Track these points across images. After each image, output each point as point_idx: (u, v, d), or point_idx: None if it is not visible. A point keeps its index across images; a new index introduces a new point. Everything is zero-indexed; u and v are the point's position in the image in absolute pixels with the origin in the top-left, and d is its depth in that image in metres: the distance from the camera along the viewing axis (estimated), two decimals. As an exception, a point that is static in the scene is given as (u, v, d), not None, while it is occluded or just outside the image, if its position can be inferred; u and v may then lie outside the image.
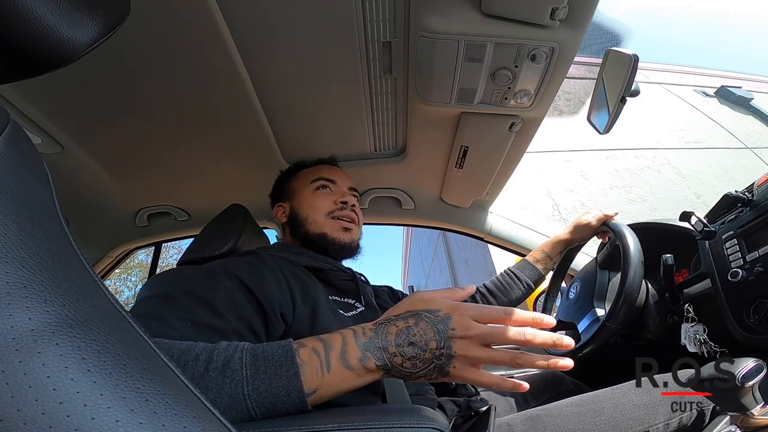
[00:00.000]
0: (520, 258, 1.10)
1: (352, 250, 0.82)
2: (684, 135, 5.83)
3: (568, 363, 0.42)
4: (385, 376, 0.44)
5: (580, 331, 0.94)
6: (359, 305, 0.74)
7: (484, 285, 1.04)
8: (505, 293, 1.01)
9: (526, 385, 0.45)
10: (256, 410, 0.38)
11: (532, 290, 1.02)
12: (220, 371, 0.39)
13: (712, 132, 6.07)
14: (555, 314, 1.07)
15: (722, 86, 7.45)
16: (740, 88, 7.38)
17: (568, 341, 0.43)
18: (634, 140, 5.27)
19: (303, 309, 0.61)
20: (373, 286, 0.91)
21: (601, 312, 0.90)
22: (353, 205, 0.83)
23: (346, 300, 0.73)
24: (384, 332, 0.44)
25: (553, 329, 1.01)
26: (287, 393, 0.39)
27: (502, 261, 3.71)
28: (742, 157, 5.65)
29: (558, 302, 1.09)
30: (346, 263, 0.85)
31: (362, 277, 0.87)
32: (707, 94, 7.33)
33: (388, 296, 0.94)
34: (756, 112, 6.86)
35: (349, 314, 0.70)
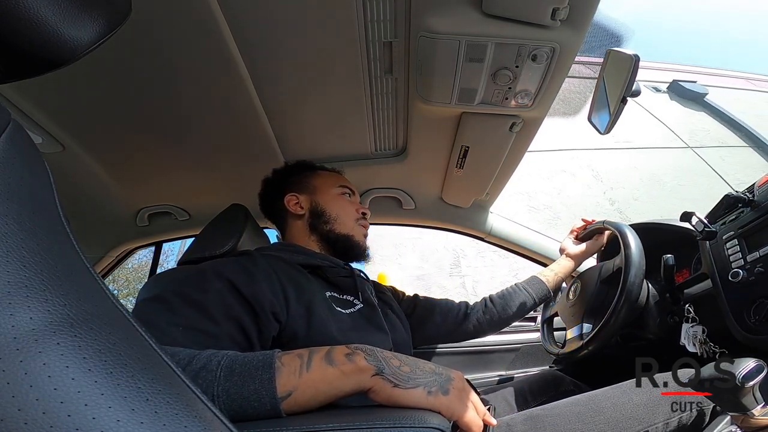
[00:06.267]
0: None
1: (367, 254, 0.87)
2: (616, 134, 5.46)
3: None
4: (376, 379, 0.41)
5: (567, 338, 0.95)
6: (357, 302, 0.74)
7: (489, 296, 1.03)
8: (506, 301, 0.99)
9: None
10: (224, 413, 0.37)
11: (536, 303, 1.01)
12: (196, 373, 0.39)
13: (655, 131, 5.60)
14: (554, 309, 1.07)
15: (674, 81, 6.64)
16: (695, 82, 6.63)
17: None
18: (556, 141, 4.85)
19: (297, 308, 0.61)
20: (375, 284, 0.91)
21: (587, 328, 0.91)
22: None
23: (344, 297, 0.73)
24: (379, 350, 0.45)
25: (549, 325, 1.01)
26: (258, 397, 0.38)
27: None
28: (681, 157, 5.23)
29: (559, 298, 1.09)
30: (355, 265, 0.86)
31: (362, 274, 0.87)
32: (658, 90, 6.58)
33: (392, 294, 0.94)
34: (709, 108, 6.21)
35: (347, 311, 0.70)
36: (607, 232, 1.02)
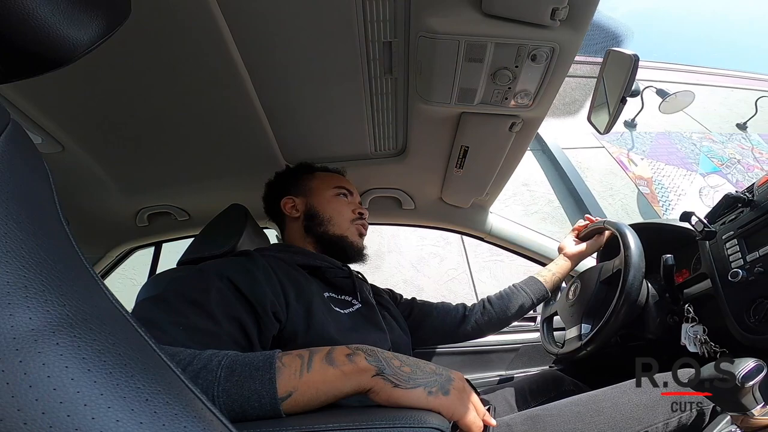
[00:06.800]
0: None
1: (365, 255, 0.87)
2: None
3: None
4: (377, 379, 0.41)
5: (566, 338, 0.95)
6: (356, 302, 0.74)
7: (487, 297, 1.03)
8: (504, 302, 0.99)
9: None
10: (224, 413, 0.37)
11: (534, 303, 1.01)
12: (196, 373, 0.39)
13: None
14: (554, 308, 1.07)
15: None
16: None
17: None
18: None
19: (297, 308, 0.61)
20: (373, 286, 0.91)
21: (586, 329, 0.91)
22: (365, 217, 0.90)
23: (342, 297, 0.73)
24: (380, 350, 0.45)
25: (549, 325, 1.01)
26: (258, 397, 0.38)
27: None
28: (592, 156, 4.59)
29: (559, 297, 1.09)
30: (354, 266, 0.86)
31: (359, 275, 0.87)
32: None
33: (389, 296, 0.94)
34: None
35: (346, 311, 0.70)
36: (606, 232, 1.02)
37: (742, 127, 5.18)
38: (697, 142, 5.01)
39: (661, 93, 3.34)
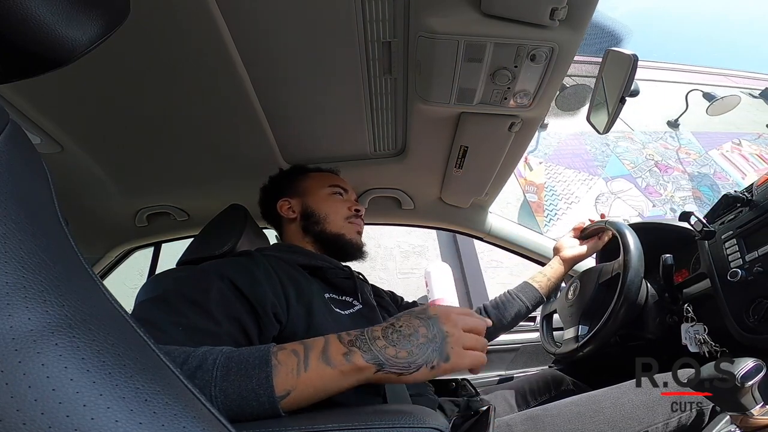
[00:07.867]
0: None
1: (363, 252, 0.87)
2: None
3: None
4: (379, 375, 0.42)
5: (563, 339, 0.96)
6: (357, 303, 0.74)
7: (483, 305, 1.03)
8: (500, 311, 0.99)
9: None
10: (222, 413, 0.37)
11: (530, 309, 1.01)
12: (192, 373, 0.38)
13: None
14: (553, 306, 1.07)
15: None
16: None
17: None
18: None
19: (297, 308, 0.61)
20: (374, 287, 0.91)
21: (583, 330, 0.91)
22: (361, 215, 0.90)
23: (343, 298, 0.73)
24: (369, 331, 0.45)
25: (548, 323, 1.01)
26: (256, 396, 0.38)
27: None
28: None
29: (558, 296, 1.09)
30: (353, 264, 0.86)
31: (360, 276, 0.87)
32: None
33: (390, 299, 0.94)
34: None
35: (347, 312, 0.70)
36: (607, 234, 1.02)
37: (673, 124, 4.67)
38: (612, 143, 4.54)
39: (561, 87, 3.19)
